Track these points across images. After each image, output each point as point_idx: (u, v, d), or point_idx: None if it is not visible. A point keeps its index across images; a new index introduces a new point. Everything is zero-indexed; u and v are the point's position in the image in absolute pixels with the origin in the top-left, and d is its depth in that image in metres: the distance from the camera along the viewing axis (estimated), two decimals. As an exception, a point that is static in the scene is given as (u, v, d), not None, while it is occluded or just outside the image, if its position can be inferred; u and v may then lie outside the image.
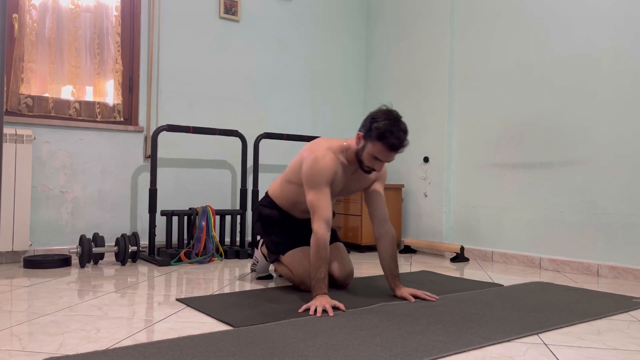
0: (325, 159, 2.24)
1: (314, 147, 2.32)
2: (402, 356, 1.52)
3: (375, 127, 2.16)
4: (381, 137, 2.14)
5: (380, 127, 2.14)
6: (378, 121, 2.16)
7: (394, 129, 2.14)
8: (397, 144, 2.15)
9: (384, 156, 2.18)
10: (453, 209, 4.00)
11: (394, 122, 2.16)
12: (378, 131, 2.15)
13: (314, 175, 2.23)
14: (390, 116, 2.18)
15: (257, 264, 2.79)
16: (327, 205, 2.21)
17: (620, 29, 3.08)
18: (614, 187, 3.08)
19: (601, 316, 2.07)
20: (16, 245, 3.10)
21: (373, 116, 2.21)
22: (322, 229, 2.16)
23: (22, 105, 3.28)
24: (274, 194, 2.60)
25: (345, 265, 2.51)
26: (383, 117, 2.17)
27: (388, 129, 2.14)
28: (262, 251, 2.73)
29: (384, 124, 2.14)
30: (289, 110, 4.33)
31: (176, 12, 3.81)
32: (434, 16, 4.14)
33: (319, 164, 2.23)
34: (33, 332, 1.72)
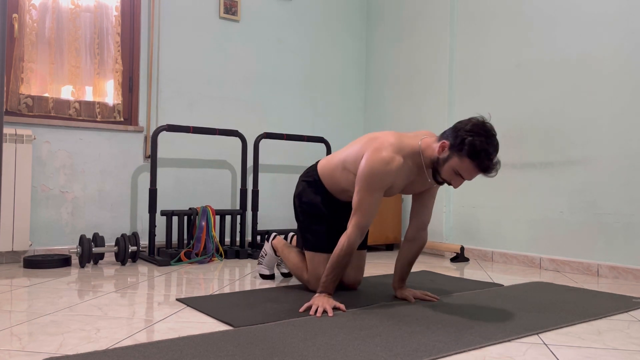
0: (391, 164, 2.03)
1: (381, 144, 2.07)
2: (402, 356, 1.52)
3: (469, 142, 1.91)
4: (474, 155, 1.91)
5: (476, 144, 1.90)
6: (473, 136, 1.91)
7: (491, 149, 1.91)
8: (490, 166, 1.93)
9: (469, 175, 1.97)
10: (453, 209, 4.00)
11: (491, 140, 1.92)
12: (473, 148, 1.90)
13: (372, 177, 2.04)
14: (487, 133, 1.93)
15: (264, 257, 2.72)
16: (373, 211, 2.07)
17: (620, 29, 3.08)
18: (614, 187, 3.08)
19: (601, 316, 2.07)
20: (16, 245, 3.10)
21: (467, 128, 1.94)
22: (355, 235, 2.06)
23: (22, 105, 3.28)
24: (323, 174, 2.36)
25: (358, 275, 2.47)
26: (479, 132, 1.92)
27: (484, 148, 1.90)
28: (272, 244, 2.69)
29: (480, 142, 1.90)
30: (289, 110, 4.33)
31: (176, 12, 3.81)
32: (434, 16, 4.14)
33: (382, 168, 2.03)
34: (33, 332, 1.72)
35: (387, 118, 4.53)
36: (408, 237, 2.30)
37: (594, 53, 3.20)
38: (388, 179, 2.05)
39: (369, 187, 2.06)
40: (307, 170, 2.48)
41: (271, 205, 4.21)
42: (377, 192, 2.06)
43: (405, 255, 2.30)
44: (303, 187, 2.43)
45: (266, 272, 2.74)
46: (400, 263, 2.31)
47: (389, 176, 2.04)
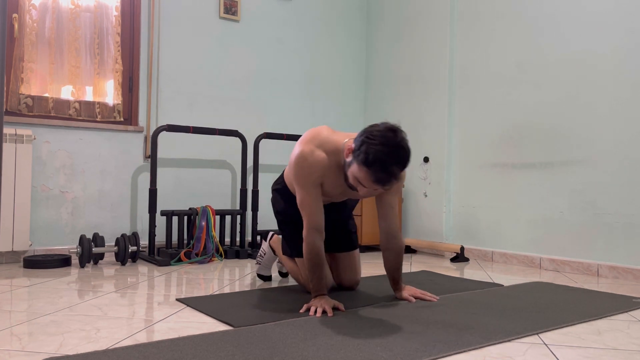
0: (312, 159, 1.97)
1: (306, 138, 2.03)
2: (402, 356, 1.52)
3: (365, 149, 1.76)
4: (369, 164, 1.76)
5: (369, 152, 1.75)
6: (372, 143, 1.76)
7: (388, 159, 1.74)
8: (383, 179, 1.77)
9: (367, 184, 1.82)
10: (453, 209, 4.00)
11: (391, 149, 1.75)
12: (365, 156, 1.76)
13: (299, 173, 2.00)
14: (388, 140, 1.76)
15: (263, 256, 2.71)
16: (315, 209, 2.02)
17: (621, 29, 3.08)
18: (614, 187, 3.08)
19: (601, 316, 2.07)
20: (16, 245, 3.10)
21: (369, 133, 1.79)
22: (311, 236, 2.03)
23: (22, 105, 3.28)
24: (287, 177, 2.34)
25: (354, 276, 2.46)
26: (380, 141, 1.76)
27: (379, 158, 1.74)
28: (270, 244, 2.68)
29: (376, 150, 1.74)
30: (289, 110, 4.33)
31: (176, 12, 3.81)
32: (434, 16, 4.14)
33: (304, 164, 1.98)
34: (33, 332, 1.72)
35: (387, 118, 4.53)
36: (382, 247, 2.25)
37: (594, 53, 3.20)
38: (313, 172, 1.97)
39: (299, 182, 2.01)
40: (277, 178, 2.46)
41: (271, 205, 4.21)
42: (309, 187, 1.99)
43: (387, 262, 2.26)
44: (274, 196, 2.45)
45: (264, 273, 2.73)
46: (387, 268, 2.29)
47: (314, 169, 1.97)
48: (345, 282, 2.47)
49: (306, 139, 2.04)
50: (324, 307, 1.99)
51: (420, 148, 4.21)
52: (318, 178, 2.01)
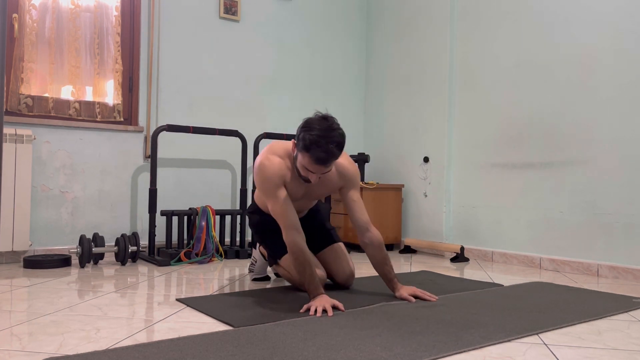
0: (269, 164, 2.15)
1: (261, 152, 2.24)
2: (402, 356, 1.52)
3: (301, 137, 2.03)
4: (307, 148, 2.02)
5: (306, 138, 2.01)
6: (308, 130, 2.02)
7: (322, 140, 1.99)
8: (323, 157, 2.01)
9: (313, 168, 2.06)
10: (453, 209, 4.00)
11: (324, 132, 2.00)
12: (304, 142, 2.02)
13: (263, 182, 2.16)
14: (321, 125, 2.02)
15: (255, 263, 2.76)
16: (288, 210, 2.14)
17: (621, 29, 3.08)
18: (614, 187, 3.08)
19: (601, 316, 2.07)
20: (16, 245, 3.10)
21: (304, 124, 2.06)
22: (290, 236, 2.12)
23: (22, 105, 3.28)
24: (258, 200, 2.55)
25: (344, 268, 2.49)
26: (313, 127, 2.02)
27: (315, 140, 1.99)
28: (260, 250, 2.71)
29: (311, 135, 2.00)
30: (289, 110, 4.33)
31: (176, 12, 3.81)
32: (434, 16, 4.14)
33: (263, 171, 2.15)
34: (33, 332, 1.72)
35: (387, 118, 4.53)
36: (361, 244, 2.33)
37: (594, 53, 3.20)
38: (273, 176, 2.14)
39: (267, 191, 2.16)
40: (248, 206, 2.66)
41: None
42: (276, 192, 2.15)
43: (371, 259, 2.33)
44: (250, 218, 2.61)
45: (259, 275, 2.76)
46: (374, 265, 2.33)
47: (274, 174, 2.14)
48: (338, 277, 2.49)
49: (261, 152, 2.23)
50: (324, 307, 2.00)
51: (420, 148, 4.21)
52: (279, 180, 2.17)
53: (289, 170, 2.20)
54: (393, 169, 4.45)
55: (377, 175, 4.59)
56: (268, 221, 2.47)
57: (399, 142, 4.41)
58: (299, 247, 2.12)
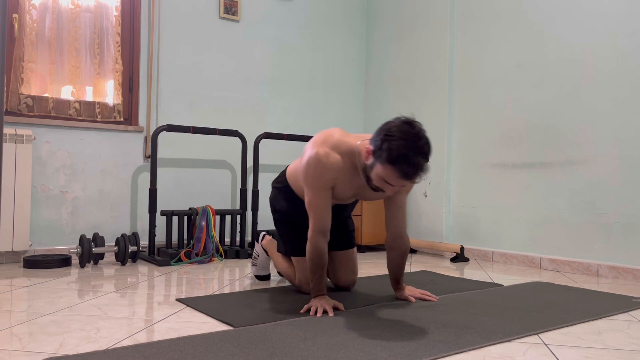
0: (326, 161, 1.95)
1: (319, 139, 2.00)
2: (402, 356, 1.52)
3: (387, 147, 1.75)
4: (393, 161, 1.74)
5: (392, 148, 1.73)
6: (392, 140, 1.75)
7: (411, 153, 1.73)
8: (411, 173, 1.75)
9: (395, 182, 1.81)
10: (453, 209, 4.00)
11: (412, 143, 1.74)
12: (389, 153, 1.74)
13: (312, 177, 1.97)
14: (408, 134, 1.74)
15: (257, 258, 2.71)
16: (324, 212, 2.00)
17: (621, 29, 3.08)
18: (614, 187, 3.08)
19: (601, 316, 2.07)
20: (16, 245, 3.10)
21: (387, 131, 1.78)
22: (315, 239, 2.02)
23: (22, 105, 3.28)
24: (291, 177, 2.32)
25: (350, 275, 2.45)
26: (399, 135, 1.74)
27: (403, 152, 1.73)
28: (262, 245, 2.69)
29: (398, 145, 1.73)
30: (289, 110, 4.33)
31: (176, 12, 3.81)
32: (434, 16, 4.14)
33: (318, 166, 1.95)
34: (33, 332, 1.72)
35: (387, 118, 4.53)
36: (387, 245, 2.25)
37: (594, 53, 3.20)
38: (326, 175, 1.95)
39: (310, 184, 1.98)
40: (278, 175, 2.44)
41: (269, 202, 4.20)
42: (320, 190, 1.97)
43: (391, 262, 2.26)
44: (274, 194, 2.41)
45: (261, 273, 2.73)
46: (390, 268, 2.29)
47: (327, 171, 1.95)
48: (342, 281, 2.46)
49: (319, 140, 2.00)
50: (324, 307, 1.99)
51: (420, 148, 4.20)
52: (330, 181, 1.99)
53: (347, 171, 1.99)
54: (393, 169, 4.44)
55: (377, 175, 4.58)
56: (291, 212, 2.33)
57: (399, 142, 4.40)
58: (320, 252, 2.03)
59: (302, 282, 2.37)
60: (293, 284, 2.47)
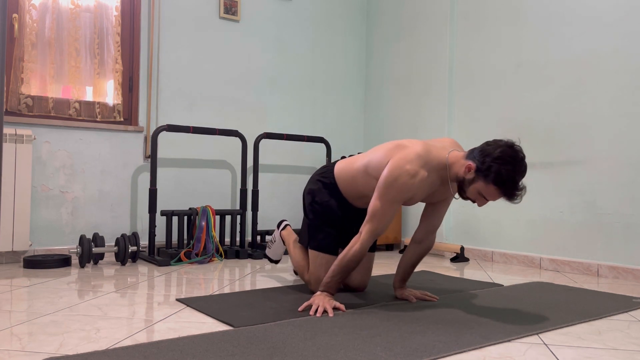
0: (415, 178, 1.99)
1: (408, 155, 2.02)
2: (402, 356, 1.52)
3: (496, 170, 1.89)
4: (500, 183, 1.90)
5: (502, 173, 1.88)
6: (500, 164, 1.88)
7: (518, 177, 1.90)
8: (515, 195, 1.92)
9: (494, 198, 1.96)
10: (453, 209, 4.00)
11: (518, 168, 1.90)
12: (499, 177, 1.89)
13: (393, 188, 2.00)
14: (515, 160, 1.90)
15: (273, 242, 2.76)
16: (388, 220, 2.06)
17: (621, 29, 3.08)
18: (614, 187, 3.08)
19: (601, 316, 2.07)
20: (16, 245, 3.10)
21: (495, 155, 1.90)
22: (368, 242, 2.05)
23: (22, 105, 3.28)
24: (340, 178, 2.33)
25: (364, 278, 2.45)
26: (506, 160, 1.89)
27: (511, 177, 1.88)
28: (281, 235, 2.71)
29: (507, 170, 1.88)
30: (289, 110, 4.33)
31: (176, 12, 3.81)
32: (434, 16, 4.14)
33: (405, 181, 1.99)
34: (33, 332, 1.72)
35: (387, 118, 4.53)
36: (416, 239, 2.29)
37: (594, 53, 3.20)
38: (410, 191, 2.01)
39: (389, 196, 2.02)
40: (323, 170, 2.43)
41: (271, 205, 4.21)
42: (396, 202, 2.03)
43: (410, 256, 2.30)
44: (318, 187, 2.39)
45: (273, 257, 2.80)
46: (404, 263, 2.31)
47: (411, 189, 2.01)
48: (356, 282, 2.44)
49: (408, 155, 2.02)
50: (324, 306, 2.00)
51: (420, 148, 4.20)
52: (410, 195, 2.05)
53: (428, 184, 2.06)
54: (393, 169, 4.44)
55: (377, 175, 4.58)
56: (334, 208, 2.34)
57: (399, 142, 4.40)
58: (363, 255, 2.07)
59: (312, 279, 2.35)
60: (303, 278, 2.46)
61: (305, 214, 2.46)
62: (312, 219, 2.39)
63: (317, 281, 2.31)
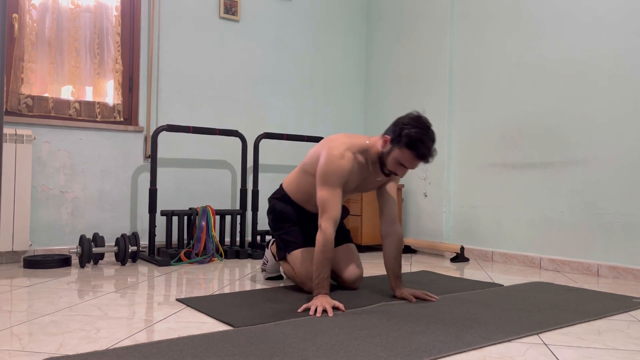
0: (342, 159, 2.21)
1: (333, 144, 2.27)
2: (402, 356, 1.52)
3: (405, 134, 2.10)
4: (411, 145, 2.10)
5: (411, 134, 2.09)
6: (409, 128, 2.11)
7: (425, 137, 2.10)
8: (426, 153, 2.12)
9: (410, 164, 2.16)
10: (453, 209, 4.00)
11: (425, 130, 2.11)
12: (409, 139, 2.10)
13: (329, 173, 2.21)
14: (421, 124, 2.12)
15: (267, 263, 2.76)
16: (338, 205, 2.21)
17: (621, 29, 3.08)
18: (614, 187, 3.08)
19: (601, 316, 2.07)
20: (16, 245, 3.10)
21: (404, 122, 2.14)
22: (329, 228, 2.16)
23: (22, 105, 3.28)
24: (288, 187, 2.56)
25: (355, 268, 2.49)
26: (414, 124, 2.12)
27: (419, 137, 2.09)
28: (272, 250, 2.71)
29: (415, 132, 2.09)
30: (289, 110, 4.33)
31: (176, 12, 3.81)
32: (434, 16, 4.14)
33: (336, 163, 2.21)
34: (33, 332, 1.72)
35: (387, 118, 4.53)
36: (383, 234, 2.41)
37: (594, 53, 3.20)
38: (342, 173, 2.21)
39: (328, 182, 2.21)
40: (275, 191, 2.65)
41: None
42: (336, 186, 2.21)
43: (387, 252, 2.38)
44: (273, 203, 2.60)
45: (273, 274, 2.77)
46: (386, 260, 2.37)
47: (343, 170, 2.21)
48: (348, 275, 2.47)
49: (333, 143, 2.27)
50: (324, 306, 2.00)
51: (420, 148, 4.20)
52: (346, 178, 2.24)
53: (357, 166, 2.27)
54: (393, 169, 4.44)
55: (377, 175, 4.58)
56: (290, 212, 2.53)
57: (399, 142, 4.40)
58: (332, 242, 2.16)
59: (302, 278, 2.39)
60: (296, 282, 2.48)
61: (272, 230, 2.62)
62: (272, 228, 2.59)
63: (307, 276, 2.37)
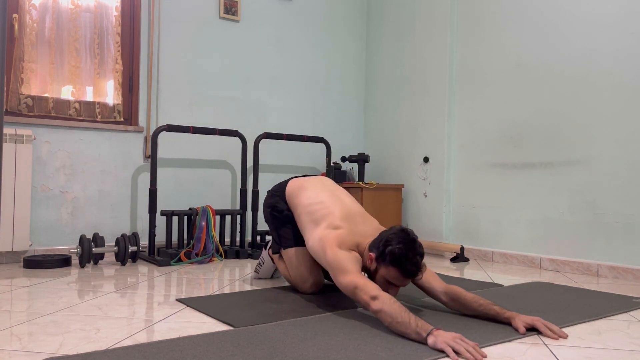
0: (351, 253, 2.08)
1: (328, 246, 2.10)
2: (402, 356, 1.52)
3: (389, 251, 1.95)
4: (396, 262, 1.94)
5: (395, 251, 1.94)
6: (392, 244, 1.96)
7: (410, 253, 1.94)
8: (413, 270, 1.94)
9: (399, 282, 1.98)
10: (453, 209, 4.00)
11: (410, 246, 1.96)
12: (392, 256, 1.94)
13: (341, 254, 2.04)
14: (405, 239, 1.97)
15: (262, 264, 2.75)
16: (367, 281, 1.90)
17: (621, 29, 3.08)
18: (614, 187, 3.08)
19: (601, 316, 2.07)
20: (16, 245, 3.10)
21: (387, 238, 2.00)
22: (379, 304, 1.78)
23: (22, 105, 3.28)
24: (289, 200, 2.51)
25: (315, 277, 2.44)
26: (397, 240, 1.96)
27: (403, 254, 1.93)
28: (269, 253, 2.70)
29: (399, 249, 1.94)
30: (289, 110, 4.33)
31: (176, 12, 3.81)
32: (434, 16, 4.14)
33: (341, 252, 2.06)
34: (33, 332, 1.72)
35: (387, 118, 4.53)
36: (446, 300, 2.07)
37: (594, 53, 3.20)
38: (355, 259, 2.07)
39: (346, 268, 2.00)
40: (278, 186, 2.61)
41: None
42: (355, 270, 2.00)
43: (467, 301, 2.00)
44: (275, 200, 2.57)
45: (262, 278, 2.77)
46: (474, 311, 1.99)
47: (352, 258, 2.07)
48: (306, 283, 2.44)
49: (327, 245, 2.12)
50: (465, 346, 1.57)
51: (420, 148, 4.21)
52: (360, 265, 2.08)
53: None
54: (393, 169, 4.45)
55: (377, 175, 4.59)
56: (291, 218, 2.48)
57: (398, 142, 4.41)
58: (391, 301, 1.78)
59: (295, 276, 2.41)
60: (290, 283, 2.48)
61: (267, 223, 2.61)
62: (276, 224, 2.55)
63: (299, 275, 2.38)
